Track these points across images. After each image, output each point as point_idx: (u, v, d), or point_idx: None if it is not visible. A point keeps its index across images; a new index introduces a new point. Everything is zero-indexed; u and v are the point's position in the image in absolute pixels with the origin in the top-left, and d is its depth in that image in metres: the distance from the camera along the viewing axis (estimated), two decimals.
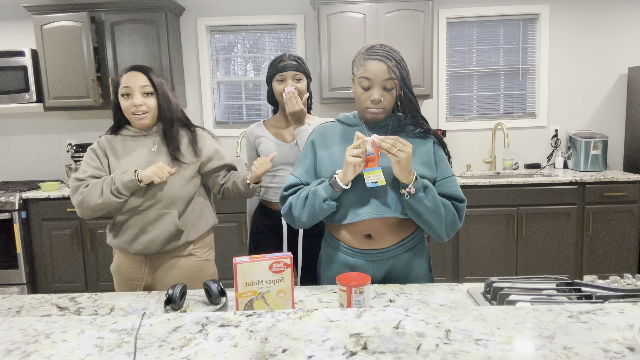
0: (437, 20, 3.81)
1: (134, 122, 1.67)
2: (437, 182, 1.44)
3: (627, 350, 0.75)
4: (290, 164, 1.93)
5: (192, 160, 1.71)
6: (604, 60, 3.82)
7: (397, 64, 1.39)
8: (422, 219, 1.37)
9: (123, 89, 1.64)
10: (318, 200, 1.38)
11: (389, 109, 1.45)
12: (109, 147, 1.71)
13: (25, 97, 3.53)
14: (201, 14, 3.84)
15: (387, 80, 1.38)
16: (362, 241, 1.42)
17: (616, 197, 3.33)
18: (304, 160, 1.52)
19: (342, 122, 1.55)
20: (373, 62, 1.38)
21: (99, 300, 1.32)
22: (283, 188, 1.50)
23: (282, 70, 1.90)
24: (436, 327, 0.85)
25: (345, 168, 1.33)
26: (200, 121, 3.95)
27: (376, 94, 1.39)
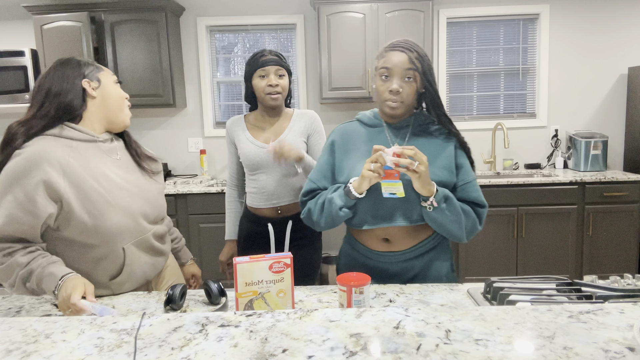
0: (437, 20, 3.81)
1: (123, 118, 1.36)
2: (458, 186, 1.40)
3: (627, 350, 0.75)
4: (268, 166, 1.85)
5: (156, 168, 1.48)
6: (604, 60, 3.82)
7: (418, 57, 1.35)
8: (442, 228, 1.37)
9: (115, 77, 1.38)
10: (334, 208, 1.38)
11: (408, 103, 1.38)
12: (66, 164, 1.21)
13: (25, 97, 3.53)
14: (201, 14, 3.84)
15: (407, 71, 1.34)
16: (380, 244, 1.43)
17: (616, 197, 3.33)
18: (322, 163, 1.51)
19: (362, 122, 1.51)
20: (394, 53, 1.36)
21: (99, 300, 1.32)
22: (302, 193, 1.51)
23: (264, 65, 1.78)
24: (436, 327, 0.85)
25: (361, 180, 1.31)
26: (200, 121, 3.95)
27: (395, 84, 1.35)
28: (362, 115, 1.52)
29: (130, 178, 1.36)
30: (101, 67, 1.37)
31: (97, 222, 1.24)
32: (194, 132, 3.97)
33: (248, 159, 1.86)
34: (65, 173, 1.20)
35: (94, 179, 1.25)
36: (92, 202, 1.23)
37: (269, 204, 1.87)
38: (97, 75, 1.33)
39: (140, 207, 1.34)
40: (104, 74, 1.35)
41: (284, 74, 1.83)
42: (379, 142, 1.43)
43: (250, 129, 1.91)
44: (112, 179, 1.29)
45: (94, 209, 1.23)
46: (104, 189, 1.26)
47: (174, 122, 3.96)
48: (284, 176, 1.86)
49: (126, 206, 1.30)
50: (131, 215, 1.31)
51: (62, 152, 1.21)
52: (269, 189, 1.86)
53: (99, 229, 1.25)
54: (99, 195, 1.24)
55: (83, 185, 1.22)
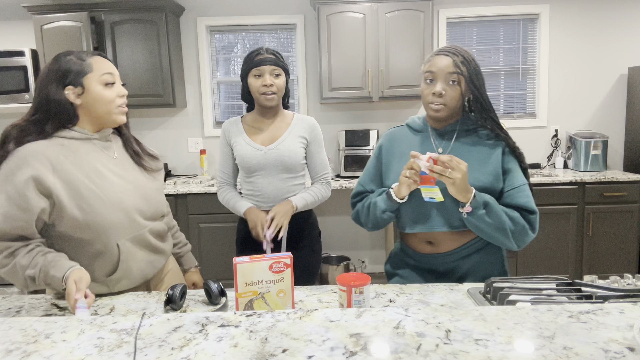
0: (437, 20, 3.81)
1: (115, 118, 1.33)
2: (506, 192, 1.39)
3: (627, 350, 0.75)
4: (265, 169, 1.82)
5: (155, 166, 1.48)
6: (604, 60, 3.82)
7: (464, 61, 1.36)
8: (484, 234, 1.37)
9: (107, 76, 1.30)
10: (378, 211, 1.46)
11: (452, 106, 1.39)
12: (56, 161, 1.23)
13: (25, 97, 3.53)
14: (201, 14, 3.84)
15: (451, 74, 1.35)
16: (424, 246, 1.46)
17: (616, 197, 3.33)
18: (370, 167, 1.57)
19: (410, 127, 1.54)
20: (439, 57, 1.39)
21: (99, 300, 1.32)
22: (351, 195, 1.60)
23: (260, 64, 1.75)
24: (436, 327, 0.85)
25: (399, 185, 1.37)
26: (200, 121, 3.95)
27: (438, 87, 1.37)
28: (410, 120, 1.55)
29: (126, 175, 1.37)
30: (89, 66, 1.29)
31: (88, 217, 1.25)
32: (194, 132, 3.97)
33: (245, 162, 1.83)
34: (55, 169, 1.22)
35: (85, 175, 1.27)
36: (83, 198, 1.25)
37: (264, 206, 1.85)
38: (82, 81, 1.28)
39: (134, 203, 1.34)
40: (88, 78, 1.28)
41: (280, 73, 1.79)
42: (425, 146, 1.47)
43: (248, 131, 1.87)
44: (104, 175, 1.30)
45: (85, 204, 1.25)
46: (95, 185, 1.27)
47: (174, 122, 3.96)
48: (281, 180, 1.84)
49: (118, 202, 1.30)
50: (124, 211, 1.31)
51: (52, 150, 1.24)
52: (265, 192, 1.84)
53: (91, 224, 1.26)
54: (89, 191, 1.26)
55: (74, 181, 1.24)
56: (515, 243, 1.37)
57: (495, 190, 1.38)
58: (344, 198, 3.98)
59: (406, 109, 3.93)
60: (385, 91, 3.54)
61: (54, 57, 1.31)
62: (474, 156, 1.41)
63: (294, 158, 1.82)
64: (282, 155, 1.81)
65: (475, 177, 1.37)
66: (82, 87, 1.28)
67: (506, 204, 1.38)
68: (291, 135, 1.85)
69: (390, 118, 3.94)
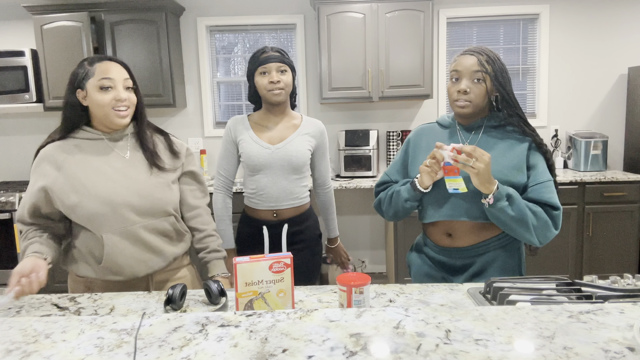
0: (437, 20, 3.81)
1: (112, 120, 1.40)
2: (530, 187, 1.40)
3: (627, 350, 0.75)
4: (270, 168, 1.80)
5: (171, 165, 1.52)
6: (604, 60, 3.82)
7: (489, 60, 1.40)
8: (506, 227, 1.37)
9: (104, 81, 1.37)
10: (400, 200, 1.50)
11: (477, 103, 1.42)
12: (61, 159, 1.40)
13: (25, 97, 3.53)
14: (201, 14, 3.84)
15: (476, 72, 1.39)
16: (443, 239, 1.50)
17: (616, 197, 3.33)
18: (397, 159, 1.62)
19: (439, 123, 1.58)
20: (464, 56, 1.43)
21: (99, 300, 1.32)
22: (376, 184, 1.65)
23: (265, 62, 1.75)
24: (436, 327, 0.85)
25: (421, 175, 1.42)
26: (200, 121, 3.95)
27: (462, 84, 1.41)
28: (440, 118, 1.60)
29: (130, 172, 1.44)
30: (92, 71, 1.39)
31: (76, 210, 1.38)
32: (194, 132, 3.97)
33: (250, 159, 1.81)
34: (59, 168, 1.40)
35: (83, 171, 1.40)
36: (76, 192, 1.38)
37: (266, 206, 1.84)
38: (86, 84, 1.39)
39: (125, 198, 1.40)
40: (90, 82, 1.39)
41: (286, 69, 1.79)
42: (452, 140, 1.51)
43: (254, 128, 1.85)
44: (103, 172, 1.41)
45: (76, 197, 1.37)
46: (89, 180, 1.39)
47: (174, 122, 3.96)
48: (286, 180, 1.82)
49: (106, 196, 1.38)
50: (110, 205, 1.38)
51: (62, 150, 1.42)
52: (268, 191, 1.82)
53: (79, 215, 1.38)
54: (82, 186, 1.38)
55: (72, 177, 1.39)
56: (537, 238, 1.38)
57: (519, 185, 1.40)
58: (344, 198, 3.98)
59: (406, 109, 3.93)
60: (385, 91, 3.54)
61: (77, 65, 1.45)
62: (499, 150, 1.44)
63: (301, 159, 1.82)
64: (290, 155, 1.80)
65: (499, 170, 1.40)
66: (86, 90, 1.40)
67: (530, 199, 1.39)
68: (300, 136, 1.84)
69: (390, 118, 3.94)
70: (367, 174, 3.64)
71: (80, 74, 1.39)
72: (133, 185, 1.42)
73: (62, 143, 1.43)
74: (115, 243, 1.39)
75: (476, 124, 1.49)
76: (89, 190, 1.37)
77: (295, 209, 1.86)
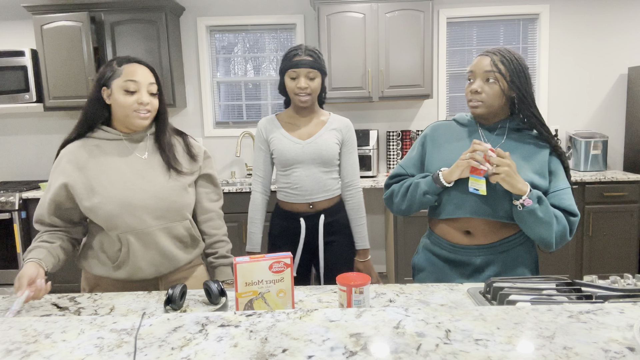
0: (437, 20, 3.81)
1: (132, 122, 1.41)
2: (550, 193, 1.40)
3: (627, 350, 0.75)
4: (303, 162, 1.84)
5: (189, 168, 1.53)
6: (604, 60, 3.82)
7: (503, 60, 1.39)
8: (531, 230, 1.37)
9: (129, 83, 1.39)
10: (419, 193, 1.47)
11: (490, 104, 1.42)
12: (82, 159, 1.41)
13: (25, 97, 3.53)
14: (201, 14, 3.84)
15: (488, 73, 1.40)
16: (461, 237, 1.47)
17: (616, 197, 3.33)
18: (412, 153, 1.61)
19: (457, 121, 1.58)
20: (480, 57, 1.44)
21: (99, 300, 1.32)
22: (389, 177, 1.63)
23: (296, 66, 1.77)
24: (436, 327, 0.85)
25: (454, 168, 1.40)
26: (200, 121, 3.95)
27: (475, 85, 1.43)
28: (458, 116, 1.59)
29: (148, 174, 1.45)
30: (120, 71, 1.41)
31: (94, 208, 1.39)
32: (194, 132, 3.97)
33: (283, 155, 1.85)
34: (79, 167, 1.41)
35: (103, 172, 1.41)
36: (95, 193, 1.39)
37: (301, 199, 1.87)
38: (111, 83, 1.41)
39: (142, 201, 1.41)
40: (116, 81, 1.41)
41: (316, 76, 1.80)
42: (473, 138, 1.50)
43: (284, 126, 1.90)
44: (122, 173, 1.42)
45: (96, 198, 1.39)
46: (109, 181, 1.40)
47: (174, 122, 3.96)
48: (317, 173, 1.85)
49: (123, 197, 1.39)
50: (128, 207, 1.39)
51: (83, 150, 1.43)
52: (302, 185, 1.85)
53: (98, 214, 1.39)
54: (100, 187, 1.39)
55: (91, 178, 1.40)
56: (555, 242, 1.38)
57: (541, 190, 1.40)
58: None
59: (406, 109, 3.93)
60: (385, 91, 3.54)
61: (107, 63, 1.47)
62: (522, 154, 1.44)
63: (330, 152, 1.85)
64: (320, 149, 1.84)
65: (524, 174, 1.39)
66: (111, 89, 1.42)
67: (551, 205, 1.39)
68: (327, 131, 1.88)
69: (390, 118, 3.94)
70: (367, 173, 3.64)
71: (107, 73, 1.42)
72: (151, 187, 1.43)
73: (82, 143, 1.44)
74: (131, 244, 1.41)
75: (497, 125, 1.48)
76: (107, 191, 1.38)
77: (329, 201, 1.89)
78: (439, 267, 1.52)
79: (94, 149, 1.43)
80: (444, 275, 1.51)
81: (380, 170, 3.94)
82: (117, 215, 1.38)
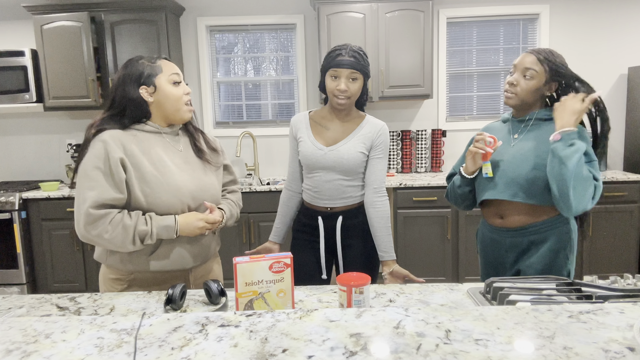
0: (437, 20, 3.81)
1: (182, 115, 1.48)
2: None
3: (627, 350, 0.75)
4: (324, 169, 1.81)
5: (215, 161, 1.61)
6: (604, 60, 3.82)
7: (546, 60, 1.51)
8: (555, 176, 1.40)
9: (174, 76, 1.46)
10: (455, 187, 1.72)
11: (523, 97, 1.55)
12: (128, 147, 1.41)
13: (25, 97, 3.53)
14: (201, 14, 3.84)
15: (527, 69, 1.52)
16: (494, 220, 1.64)
17: (616, 197, 3.33)
18: (463, 153, 1.77)
19: (502, 120, 1.73)
20: (524, 54, 1.56)
21: (99, 300, 1.32)
22: (446, 177, 1.86)
23: (338, 66, 1.70)
24: (436, 327, 0.85)
25: (468, 159, 1.63)
26: (201, 121, 3.95)
27: (511, 77, 1.57)
28: (503, 116, 1.73)
29: (187, 167, 1.51)
30: (159, 68, 1.45)
31: (149, 199, 1.41)
32: None
33: (306, 158, 1.83)
34: (126, 154, 1.40)
35: (151, 162, 1.43)
36: (146, 182, 1.41)
37: (320, 203, 1.86)
38: (154, 80, 1.44)
39: (191, 191, 1.47)
40: (160, 78, 1.44)
41: (357, 77, 1.73)
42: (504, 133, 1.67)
43: (313, 128, 1.86)
44: (167, 165, 1.45)
45: (147, 187, 1.41)
46: (159, 172, 1.43)
47: None
48: (338, 181, 1.81)
49: (176, 188, 1.44)
50: (180, 197, 1.44)
51: (126, 138, 1.42)
52: (321, 189, 1.83)
53: (152, 205, 1.42)
54: (153, 177, 1.41)
55: (140, 166, 1.41)
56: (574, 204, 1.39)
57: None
58: None
59: (406, 109, 3.93)
60: (385, 91, 3.54)
61: (127, 62, 1.47)
62: (543, 139, 1.54)
63: (352, 162, 1.78)
64: (341, 157, 1.78)
65: (540, 155, 1.51)
66: (154, 86, 1.44)
67: None
68: (354, 139, 1.81)
69: (390, 118, 3.94)
70: None
71: (145, 72, 1.43)
72: (194, 179, 1.50)
73: (123, 132, 1.44)
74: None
75: (526, 117, 1.60)
76: (160, 180, 1.42)
77: (347, 206, 1.86)
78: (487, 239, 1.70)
79: (136, 140, 1.44)
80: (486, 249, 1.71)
81: None
82: (169, 203, 1.42)
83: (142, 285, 1.48)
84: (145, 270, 1.46)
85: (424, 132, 3.84)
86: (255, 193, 3.39)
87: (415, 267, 3.44)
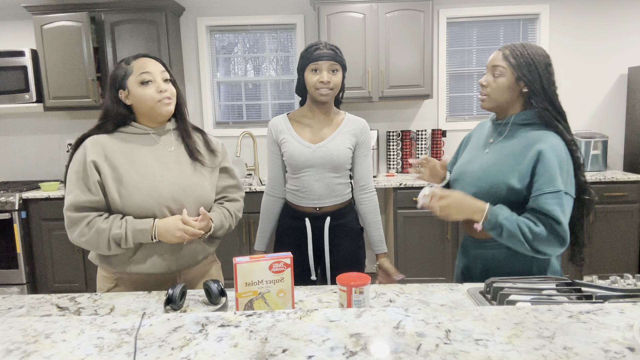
0: (437, 20, 3.81)
1: (159, 111, 1.43)
2: (532, 196, 1.33)
3: (627, 350, 0.75)
4: (313, 167, 1.80)
5: (210, 162, 1.56)
6: (604, 60, 3.82)
7: (512, 54, 1.40)
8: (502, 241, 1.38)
9: (143, 75, 1.41)
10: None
11: (495, 98, 1.43)
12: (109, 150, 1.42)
13: (25, 97, 3.53)
14: (201, 14, 3.84)
15: (495, 67, 1.42)
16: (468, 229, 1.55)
17: (616, 197, 3.33)
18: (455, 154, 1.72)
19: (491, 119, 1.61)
20: (494, 52, 1.47)
21: (99, 300, 1.32)
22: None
23: (318, 59, 1.71)
24: (436, 327, 0.85)
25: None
26: (201, 121, 3.95)
27: (482, 78, 1.48)
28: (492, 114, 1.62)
29: (174, 167, 1.48)
30: (131, 68, 1.43)
31: (123, 200, 1.40)
32: None
33: (293, 158, 1.80)
34: (106, 157, 1.41)
35: (130, 164, 1.42)
36: (123, 184, 1.40)
37: (309, 203, 1.84)
38: (126, 83, 1.43)
39: (170, 193, 1.44)
40: (130, 79, 1.43)
41: (338, 69, 1.75)
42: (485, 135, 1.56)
43: (295, 127, 1.85)
44: (149, 166, 1.44)
45: (123, 189, 1.40)
46: (137, 173, 1.42)
47: None
48: (327, 178, 1.82)
49: (153, 189, 1.42)
50: (157, 199, 1.42)
51: (109, 142, 1.44)
52: (311, 189, 1.82)
53: (126, 207, 1.40)
54: (129, 178, 1.41)
55: (119, 169, 1.41)
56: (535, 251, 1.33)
57: (517, 190, 1.36)
58: None
59: (406, 109, 3.93)
60: (385, 91, 3.54)
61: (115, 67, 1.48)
62: (511, 151, 1.41)
63: (341, 157, 1.80)
64: (331, 154, 1.79)
65: (501, 170, 1.39)
66: (127, 89, 1.44)
67: (530, 208, 1.33)
68: (340, 135, 1.83)
69: (390, 118, 3.94)
70: None
71: (119, 75, 1.43)
72: (178, 180, 1.46)
73: (108, 135, 1.45)
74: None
75: (505, 120, 1.47)
76: (136, 181, 1.40)
77: (336, 205, 1.86)
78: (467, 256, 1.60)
79: (121, 142, 1.45)
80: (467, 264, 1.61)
81: (380, 170, 3.94)
82: (146, 206, 1.40)
83: (128, 285, 1.47)
84: (126, 272, 1.46)
85: (424, 132, 3.84)
86: (255, 193, 3.39)
87: (415, 267, 3.44)
